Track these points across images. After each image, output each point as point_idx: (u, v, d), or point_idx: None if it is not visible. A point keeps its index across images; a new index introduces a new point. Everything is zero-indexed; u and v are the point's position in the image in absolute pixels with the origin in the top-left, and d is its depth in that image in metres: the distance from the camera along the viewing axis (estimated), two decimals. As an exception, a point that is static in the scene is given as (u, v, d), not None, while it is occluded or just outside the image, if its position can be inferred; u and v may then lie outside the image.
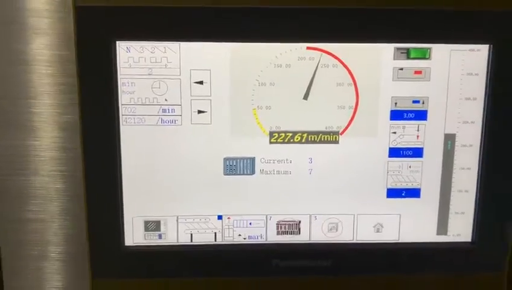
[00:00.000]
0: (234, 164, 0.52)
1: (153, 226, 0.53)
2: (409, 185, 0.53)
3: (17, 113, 0.51)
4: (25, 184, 0.53)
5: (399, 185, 0.53)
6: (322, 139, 0.52)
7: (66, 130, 0.52)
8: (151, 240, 0.53)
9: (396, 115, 0.52)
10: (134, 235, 0.53)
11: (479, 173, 0.53)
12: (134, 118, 0.50)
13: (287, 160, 0.52)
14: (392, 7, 0.49)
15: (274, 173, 0.52)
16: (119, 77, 0.49)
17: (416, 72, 0.51)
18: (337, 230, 0.54)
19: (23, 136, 0.52)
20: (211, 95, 0.50)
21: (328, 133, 0.52)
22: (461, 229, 0.54)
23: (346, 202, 0.53)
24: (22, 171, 0.52)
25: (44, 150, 0.52)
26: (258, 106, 0.51)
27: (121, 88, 0.49)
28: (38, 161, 0.52)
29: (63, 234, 0.54)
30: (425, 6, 0.49)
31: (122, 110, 0.50)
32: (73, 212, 0.53)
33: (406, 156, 0.53)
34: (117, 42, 0.48)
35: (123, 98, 0.50)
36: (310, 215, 0.53)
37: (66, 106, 0.51)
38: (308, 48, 0.50)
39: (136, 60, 0.49)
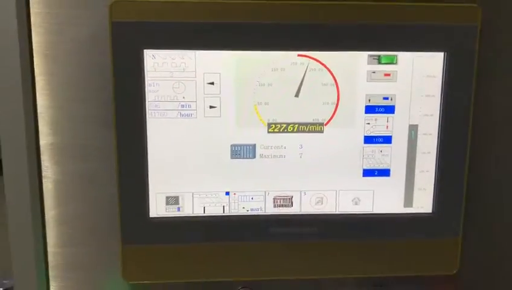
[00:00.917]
0: (239, 149, 0.56)
1: (172, 200, 0.57)
2: (381, 166, 0.57)
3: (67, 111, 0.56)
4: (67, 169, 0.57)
5: (372, 166, 0.57)
6: (310, 129, 0.56)
7: (102, 124, 0.56)
8: (171, 212, 0.57)
9: (369, 109, 0.56)
10: (157, 208, 0.57)
11: (437, 156, 0.57)
12: (158, 112, 0.54)
13: (282, 146, 0.56)
14: (366, 22, 0.53)
15: (271, 157, 0.56)
16: (146, 78, 0.53)
17: (385, 75, 0.55)
18: (322, 203, 0.58)
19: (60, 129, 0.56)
20: (220, 94, 0.55)
21: (315, 124, 0.56)
22: (423, 202, 0.58)
23: (329, 180, 0.57)
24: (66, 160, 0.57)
25: (77, 140, 0.57)
26: (258, 102, 0.55)
27: (147, 88, 0.54)
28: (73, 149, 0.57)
29: (97, 209, 0.58)
30: (393, 22, 0.54)
31: (148, 106, 0.54)
32: (106, 191, 0.57)
33: (377, 142, 0.56)
34: (145, 51, 0.53)
35: (149, 96, 0.54)
36: (301, 191, 0.57)
37: (103, 103, 0.55)
38: (299, 55, 0.54)
39: (160, 65, 0.53)
